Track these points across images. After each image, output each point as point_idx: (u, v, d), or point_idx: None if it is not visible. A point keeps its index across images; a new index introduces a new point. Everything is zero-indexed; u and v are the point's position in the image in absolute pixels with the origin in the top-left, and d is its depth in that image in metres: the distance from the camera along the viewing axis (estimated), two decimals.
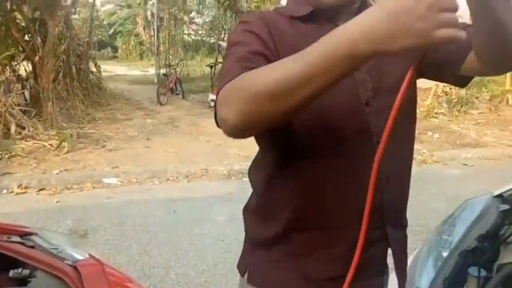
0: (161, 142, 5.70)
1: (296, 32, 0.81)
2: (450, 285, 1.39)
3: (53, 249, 1.15)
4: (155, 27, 12.45)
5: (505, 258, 1.54)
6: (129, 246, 2.95)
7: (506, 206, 1.62)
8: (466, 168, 4.95)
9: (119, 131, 6.15)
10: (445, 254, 1.56)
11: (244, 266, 0.95)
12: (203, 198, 3.86)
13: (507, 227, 1.58)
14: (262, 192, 0.91)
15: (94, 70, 8.40)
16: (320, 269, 0.85)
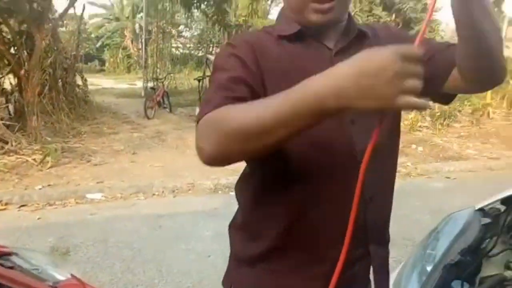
0: (147, 156, 5.65)
1: (283, 52, 0.82)
2: None
3: (33, 269, 1.13)
4: (143, 40, 12.47)
5: (487, 271, 1.56)
6: (112, 263, 2.89)
7: (487, 220, 1.65)
8: (449, 181, 5.02)
9: (105, 145, 6.07)
10: (429, 268, 1.57)
11: (229, 283, 0.95)
12: (189, 213, 3.82)
13: (489, 241, 1.61)
14: (248, 209, 0.91)
15: (81, 83, 8.33)
16: (303, 287, 0.85)
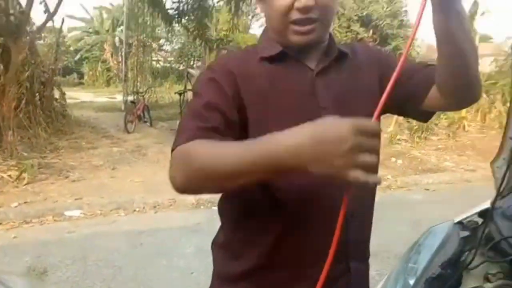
0: (127, 171, 5.55)
1: (265, 73, 0.83)
2: None
3: None
4: (124, 54, 12.39)
5: (467, 283, 1.58)
6: (92, 283, 2.81)
7: (466, 233, 1.68)
8: (428, 193, 5.12)
9: (84, 161, 5.95)
10: (411, 282, 1.58)
11: None
12: (171, 230, 3.76)
13: (468, 253, 1.64)
14: (230, 229, 0.91)
15: (59, 97, 8.17)
16: None
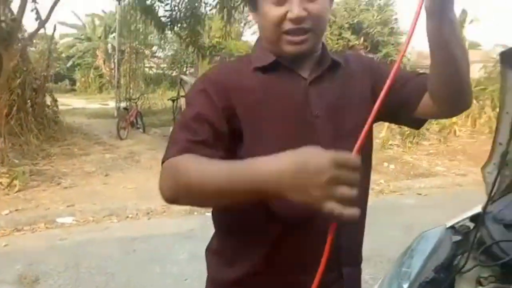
0: (120, 178, 5.52)
1: (258, 83, 0.84)
2: None
3: None
4: (116, 60, 12.35)
5: (460, 287, 1.60)
6: None
7: (458, 237, 1.70)
8: (420, 197, 5.16)
9: (76, 167, 5.90)
10: (405, 286, 1.59)
11: None
12: (164, 236, 3.73)
13: (460, 257, 1.66)
14: (223, 236, 0.92)
15: (51, 103, 8.11)
16: None
